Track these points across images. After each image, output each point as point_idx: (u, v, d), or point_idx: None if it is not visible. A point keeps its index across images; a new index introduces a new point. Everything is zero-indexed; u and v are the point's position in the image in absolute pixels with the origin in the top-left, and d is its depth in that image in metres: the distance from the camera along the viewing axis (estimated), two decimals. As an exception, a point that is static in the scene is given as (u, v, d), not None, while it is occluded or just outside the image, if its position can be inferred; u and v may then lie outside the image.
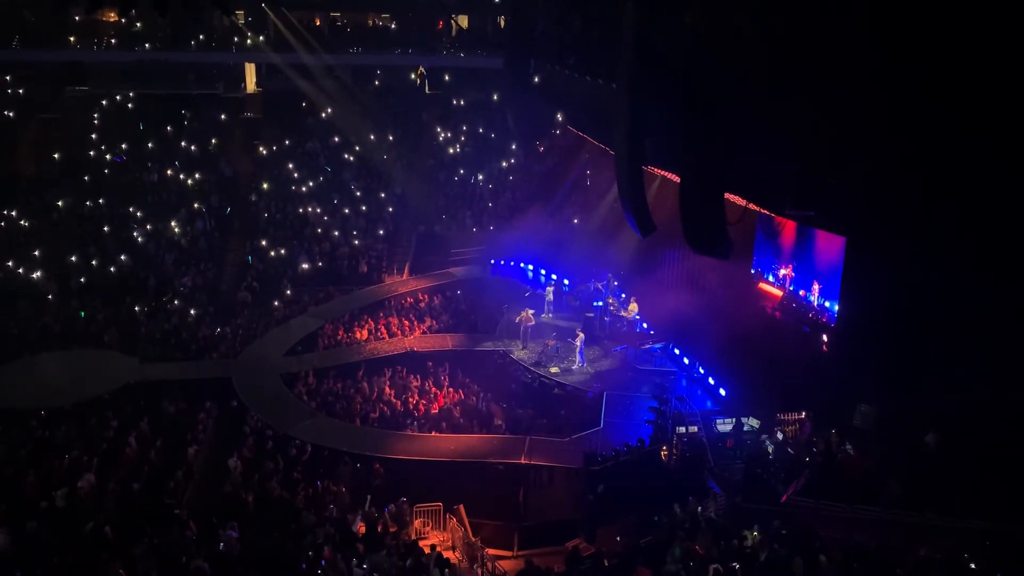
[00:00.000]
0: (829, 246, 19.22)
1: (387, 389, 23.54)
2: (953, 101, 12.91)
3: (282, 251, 32.05)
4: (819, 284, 19.86)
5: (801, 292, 20.64)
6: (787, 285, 21.08)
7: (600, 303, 27.27)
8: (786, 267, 21.21)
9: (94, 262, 30.18)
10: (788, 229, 20.95)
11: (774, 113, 14.22)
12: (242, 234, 33.49)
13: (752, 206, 17.78)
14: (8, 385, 23.24)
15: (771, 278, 21.74)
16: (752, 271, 22.40)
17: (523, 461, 19.66)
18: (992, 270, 14.50)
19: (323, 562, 14.89)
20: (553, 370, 24.31)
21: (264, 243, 32.39)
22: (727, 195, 14.57)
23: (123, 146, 37.43)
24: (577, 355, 24.48)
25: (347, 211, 35.16)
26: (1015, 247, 13.86)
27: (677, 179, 14.92)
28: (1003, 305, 14.61)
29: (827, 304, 19.56)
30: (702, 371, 23.31)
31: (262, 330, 27.22)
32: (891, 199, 15.00)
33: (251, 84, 42.73)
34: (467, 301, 30.06)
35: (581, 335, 24.75)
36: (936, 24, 12.18)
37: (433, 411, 22.51)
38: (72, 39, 39.33)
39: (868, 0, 12.85)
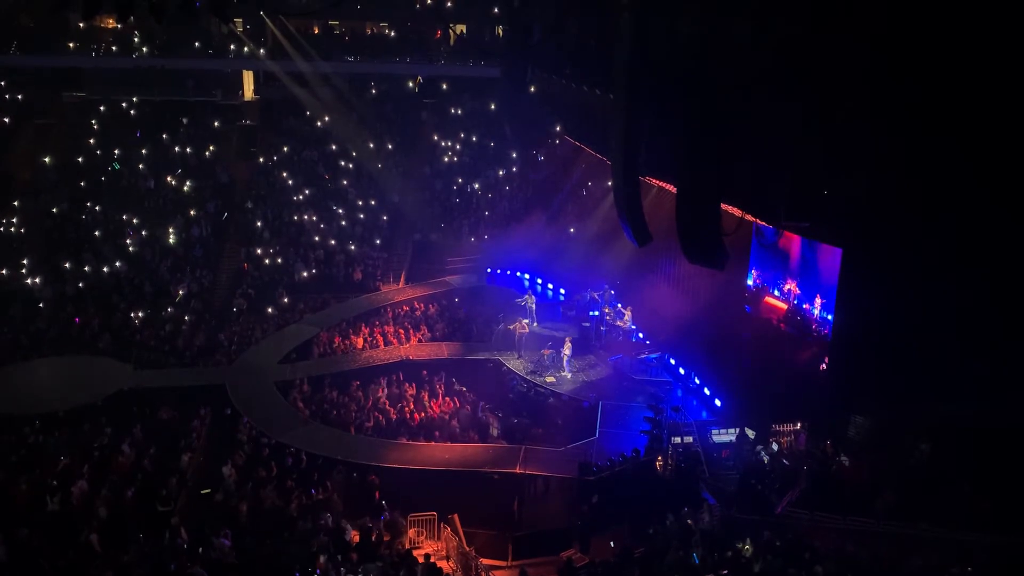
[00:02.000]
0: (833, 261, 19.25)
1: (382, 398, 23.48)
2: (950, 113, 12.98)
3: (278, 259, 32.04)
4: (822, 299, 19.91)
5: (805, 306, 20.69)
6: (791, 299, 21.14)
7: (596, 312, 27.28)
8: (791, 282, 21.29)
9: (89, 268, 30.11)
10: (795, 245, 21.01)
11: (771, 124, 14.27)
12: (238, 241, 33.46)
13: (748, 216, 17.83)
14: (1, 390, 23.14)
15: (776, 292, 21.80)
16: (748, 282, 22.43)
17: (518, 470, 19.63)
18: (987, 282, 14.56)
19: (317, 571, 14.82)
20: (548, 379, 24.31)
21: (260, 250, 32.37)
22: (723, 205, 14.60)
23: (116, 152, 37.38)
24: (564, 363, 24.51)
25: (343, 219, 35.19)
26: (1010, 259, 13.92)
27: (673, 189, 14.95)
28: (997, 317, 14.66)
29: (829, 317, 19.59)
30: (698, 381, 23.30)
31: (257, 337, 27.17)
32: (887, 211, 15.07)
33: (249, 91, 42.77)
34: (463, 310, 30.06)
35: (568, 344, 24.75)
36: (934, 38, 12.25)
37: (428, 420, 22.45)
38: (70, 45, 39.36)
39: (865, 13, 12.91)
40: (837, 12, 13.09)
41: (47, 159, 36.36)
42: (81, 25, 38.33)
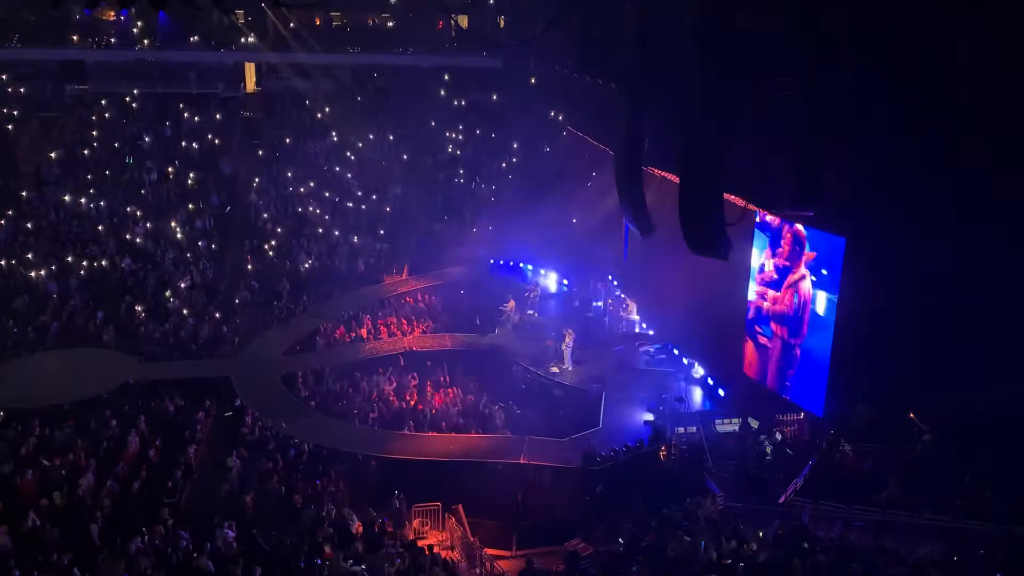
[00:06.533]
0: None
1: (386, 388, 23.54)
2: (954, 100, 12.94)
3: (281, 251, 32.04)
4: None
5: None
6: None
7: (600, 303, 27.26)
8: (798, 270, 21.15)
9: (94, 261, 30.14)
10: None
11: (773, 113, 14.25)
12: (241, 233, 33.48)
13: (751, 206, 17.81)
14: (7, 384, 23.20)
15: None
16: (750, 270, 22.35)
17: (522, 461, 19.68)
18: (990, 271, 14.53)
19: (321, 561, 14.90)
20: (553, 370, 24.35)
21: (263, 243, 32.38)
22: (726, 195, 14.59)
23: (116, 144, 37.42)
24: (567, 354, 24.52)
25: (346, 211, 35.15)
26: (1014, 248, 13.90)
27: (676, 179, 14.94)
28: (1001, 306, 14.64)
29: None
30: (701, 371, 23.30)
31: (262, 329, 27.21)
32: (889, 200, 15.04)
33: (251, 83, 42.74)
34: (466, 300, 30.06)
35: (570, 335, 24.74)
36: (934, 25, 12.21)
37: (432, 411, 22.50)
38: (73, 38, 39.36)
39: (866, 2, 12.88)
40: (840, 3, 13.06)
41: (51, 152, 36.40)
42: (85, 17, 38.31)
